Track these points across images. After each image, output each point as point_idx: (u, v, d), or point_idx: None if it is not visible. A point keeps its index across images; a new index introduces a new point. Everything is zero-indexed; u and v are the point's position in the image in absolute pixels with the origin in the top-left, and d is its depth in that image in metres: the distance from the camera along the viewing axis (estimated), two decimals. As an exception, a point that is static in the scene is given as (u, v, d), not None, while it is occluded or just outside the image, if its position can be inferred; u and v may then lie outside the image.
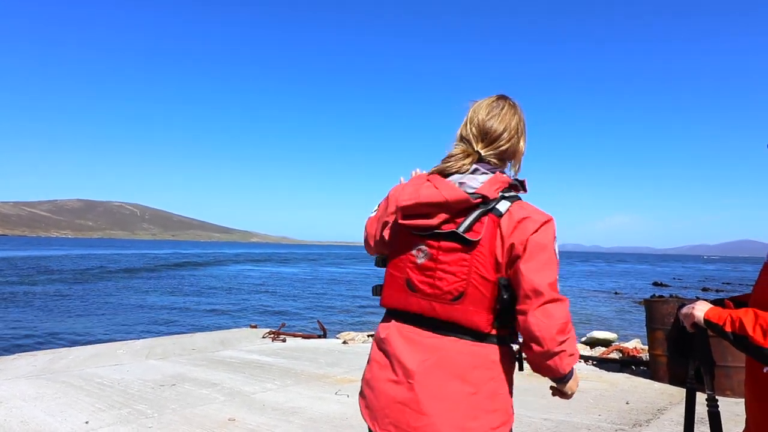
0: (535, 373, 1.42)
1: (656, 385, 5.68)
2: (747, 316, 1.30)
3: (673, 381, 5.64)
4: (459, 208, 1.35)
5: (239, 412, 4.50)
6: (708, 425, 1.51)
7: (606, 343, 8.26)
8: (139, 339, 9.22)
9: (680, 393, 5.32)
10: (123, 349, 7.52)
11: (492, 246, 1.32)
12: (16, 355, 7.34)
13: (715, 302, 1.50)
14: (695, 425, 1.60)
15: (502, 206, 1.35)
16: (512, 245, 1.32)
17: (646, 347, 6.64)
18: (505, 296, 1.33)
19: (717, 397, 1.50)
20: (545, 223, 1.35)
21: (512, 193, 1.41)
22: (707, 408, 1.49)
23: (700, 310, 1.44)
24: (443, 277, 1.35)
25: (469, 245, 1.33)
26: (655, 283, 42.13)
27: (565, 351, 1.32)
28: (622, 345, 7.69)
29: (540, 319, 1.29)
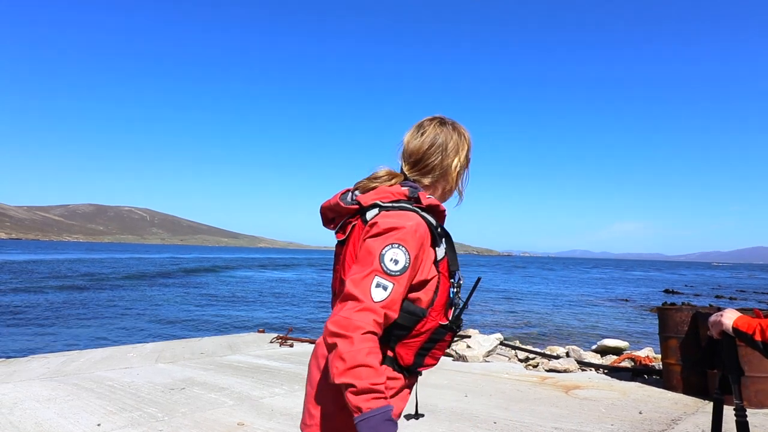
0: (546, 382, 1.42)
1: (670, 394, 5.59)
2: None
3: (687, 391, 5.56)
4: (342, 213, 1.46)
5: (248, 417, 4.51)
6: None
7: (617, 351, 8.17)
8: (148, 342, 9.28)
9: (695, 403, 5.24)
10: (133, 353, 7.57)
11: (354, 248, 1.39)
12: (29, 357, 7.41)
13: (743, 311, 1.48)
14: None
15: (371, 213, 1.39)
16: (360, 248, 1.35)
17: (659, 356, 6.56)
18: None
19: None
20: (389, 229, 1.30)
21: (398, 204, 1.40)
22: (735, 418, 1.47)
23: (729, 318, 1.43)
24: (336, 277, 1.50)
25: (340, 245, 1.46)
26: (667, 291, 41.63)
27: (349, 386, 1.14)
28: (633, 353, 7.60)
29: (327, 334, 1.21)
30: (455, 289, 1.45)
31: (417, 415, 1.57)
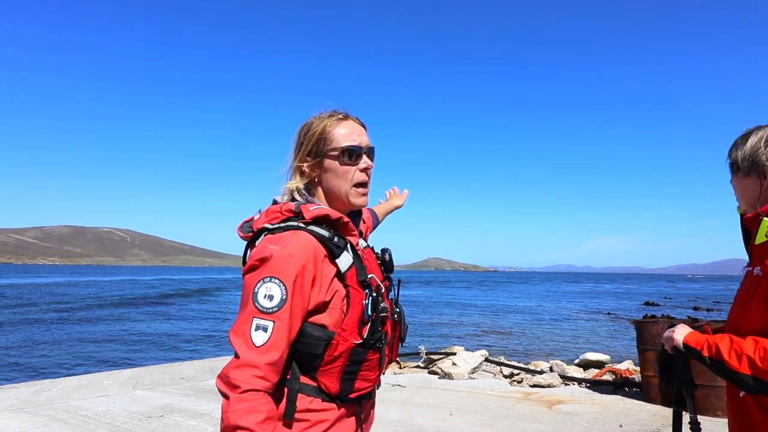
0: (530, 398, 1.40)
1: (649, 407, 5.65)
2: (723, 342, 1.34)
3: (665, 402, 5.63)
4: (247, 242, 1.35)
5: (228, 444, 4.40)
6: None
7: (599, 364, 8.24)
8: (125, 369, 9.04)
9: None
10: (109, 380, 7.36)
11: None
12: (-2, 388, 7.15)
13: (694, 326, 1.53)
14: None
15: (259, 240, 1.28)
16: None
17: (639, 368, 6.64)
18: None
19: (704, 418, 1.52)
20: (259, 261, 1.20)
21: (286, 223, 1.28)
22: (690, 431, 1.51)
23: (680, 334, 1.48)
24: None
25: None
26: (647, 303, 42.24)
27: None
28: (614, 366, 7.68)
29: (218, 390, 1.15)
30: (370, 301, 1.27)
31: None
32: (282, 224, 1.28)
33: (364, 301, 1.27)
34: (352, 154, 1.36)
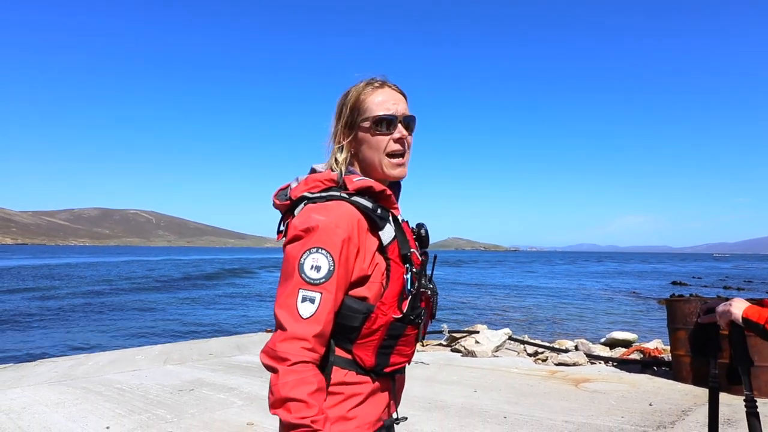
0: (555, 376, 1.33)
1: (680, 386, 5.55)
2: None
3: (697, 381, 5.52)
4: (281, 211, 1.32)
5: (257, 417, 4.50)
6: (733, 426, 1.45)
7: (626, 343, 8.12)
8: (156, 345, 9.31)
9: (705, 394, 5.20)
10: (141, 355, 7.59)
11: None
12: (37, 362, 7.45)
13: (752, 301, 1.45)
14: (719, 426, 1.54)
15: (298, 209, 1.25)
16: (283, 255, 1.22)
17: (668, 347, 6.51)
18: None
19: (762, 400, 1.45)
20: (305, 231, 1.17)
21: (327, 193, 1.25)
22: (746, 409, 1.43)
23: (738, 308, 1.39)
24: None
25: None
26: (674, 282, 41.43)
27: (280, 419, 1.11)
28: (642, 345, 7.55)
29: (265, 365, 1.14)
30: (411, 275, 1.25)
31: (398, 419, 1.39)
32: (323, 194, 1.25)
33: (405, 276, 1.23)
34: (384, 123, 1.30)
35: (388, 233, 1.24)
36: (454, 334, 8.60)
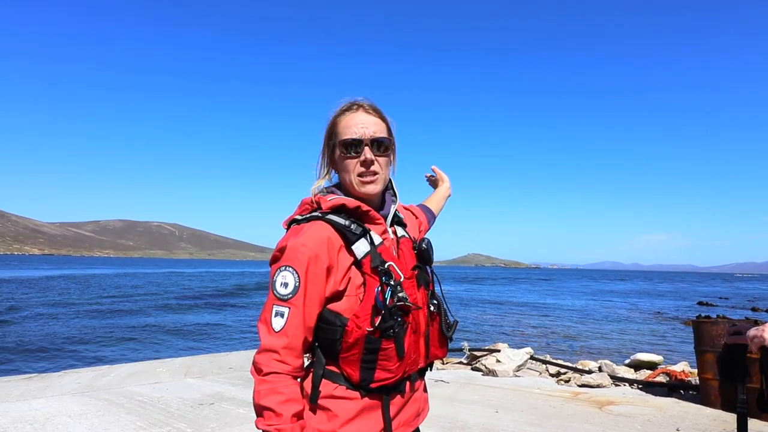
0: (578, 398, 1.30)
1: (707, 410, 5.37)
2: None
3: (726, 406, 5.33)
4: None
5: (276, 433, 4.49)
6: None
7: (651, 365, 7.89)
8: (177, 357, 9.40)
9: (733, 419, 4.99)
10: (162, 368, 7.68)
11: None
12: (61, 372, 7.59)
13: None
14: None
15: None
16: None
17: (695, 370, 6.31)
18: None
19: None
20: (278, 251, 1.28)
21: (309, 215, 1.33)
22: None
23: None
24: None
25: None
26: (701, 303, 40.24)
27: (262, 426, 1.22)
28: (668, 368, 7.33)
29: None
30: (388, 289, 1.24)
31: None
32: (307, 215, 1.34)
33: (376, 288, 1.26)
34: (350, 147, 1.36)
35: (361, 248, 1.29)
36: (475, 353, 8.49)
